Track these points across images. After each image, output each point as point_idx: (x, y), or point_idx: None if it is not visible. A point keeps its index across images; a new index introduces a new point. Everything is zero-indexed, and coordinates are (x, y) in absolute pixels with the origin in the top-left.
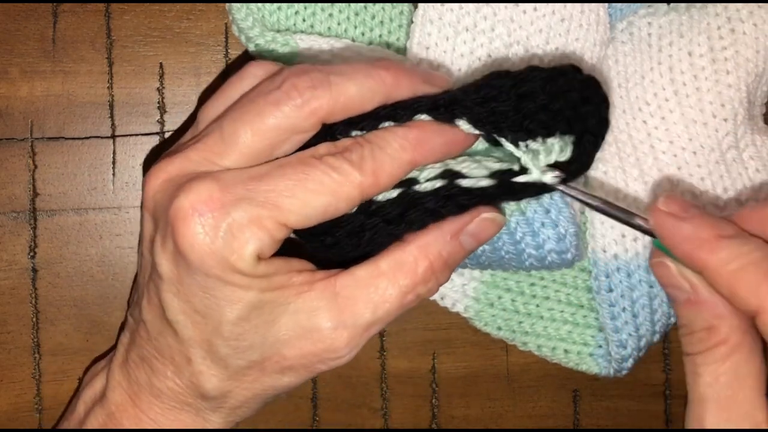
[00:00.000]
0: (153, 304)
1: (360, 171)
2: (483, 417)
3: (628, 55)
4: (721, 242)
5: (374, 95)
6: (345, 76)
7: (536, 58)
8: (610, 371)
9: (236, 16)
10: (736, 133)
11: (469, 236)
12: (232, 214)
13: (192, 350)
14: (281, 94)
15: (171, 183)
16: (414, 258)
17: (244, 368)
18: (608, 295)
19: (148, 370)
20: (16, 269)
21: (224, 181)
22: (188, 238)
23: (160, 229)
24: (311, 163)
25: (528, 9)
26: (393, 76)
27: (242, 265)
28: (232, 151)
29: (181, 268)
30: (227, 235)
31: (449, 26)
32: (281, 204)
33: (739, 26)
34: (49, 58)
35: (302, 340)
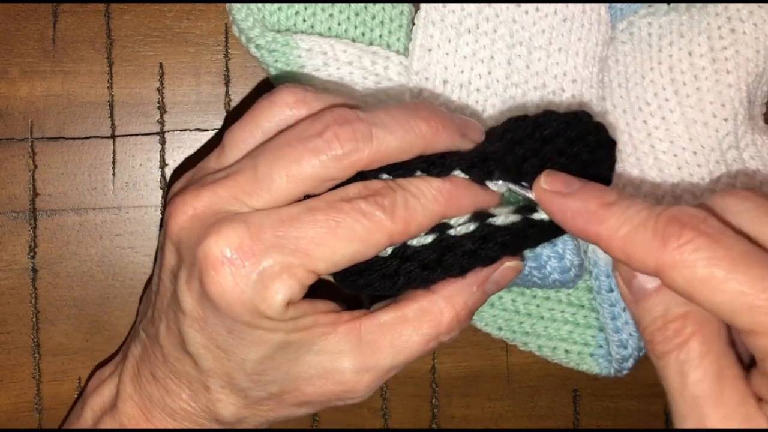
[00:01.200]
0: (172, 333)
1: (392, 219)
2: (483, 417)
3: (628, 55)
4: (608, 210)
5: (412, 148)
6: (386, 129)
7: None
8: (610, 371)
9: (236, 17)
10: (737, 133)
11: (492, 284)
12: (263, 263)
13: (211, 380)
14: (322, 143)
15: (198, 220)
16: (440, 309)
17: (263, 399)
18: (609, 295)
19: (161, 389)
20: (16, 269)
21: (254, 225)
22: (218, 285)
23: (186, 266)
24: (342, 209)
25: (530, 9)
26: (433, 131)
27: (271, 313)
28: (265, 193)
29: (206, 309)
30: (257, 284)
31: (451, 28)
32: (311, 252)
33: (740, 26)
34: (49, 58)
35: (323, 379)
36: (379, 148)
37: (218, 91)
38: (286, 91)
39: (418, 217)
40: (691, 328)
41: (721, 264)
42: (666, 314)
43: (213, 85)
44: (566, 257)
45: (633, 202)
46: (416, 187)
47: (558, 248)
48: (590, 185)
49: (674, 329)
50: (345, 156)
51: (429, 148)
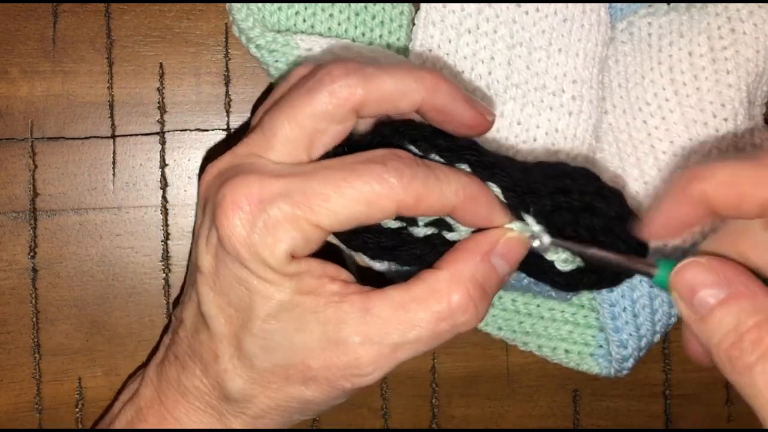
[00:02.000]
0: (192, 300)
1: (405, 189)
2: (483, 417)
3: (628, 55)
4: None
5: (411, 92)
6: (382, 69)
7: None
8: (610, 371)
9: (236, 17)
10: (737, 133)
11: (499, 258)
12: (268, 210)
13: (221, 346)
14: (315, 82)
15: (219, 177)
16: (447, 286)
17: (269, 372)
18: (609, 295)
19: (179, 367)
20: (16, 269)
21: (266, 175)
22: (226, 228)
23: (206, 221)
24: (356, 169)
25: (530, 10)
26: (433, 78)
27: (273, 262)
28: (273, 143)
29: (219, 260)
30: (262, 230)
31: (451, 28)
32: (316, 206)
33: (740, 26)
34: (49, 58)
35: (327, 351)
36: (373, 84)
37: (218, 91)
38: (300, 67)
39: (431, 199)
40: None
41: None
42: (738, 326)
43: (213, 85)
44: None
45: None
46: (444, 172)
47: None
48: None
49: (751, 341)
50: (338, 89)
51: (429, 96)
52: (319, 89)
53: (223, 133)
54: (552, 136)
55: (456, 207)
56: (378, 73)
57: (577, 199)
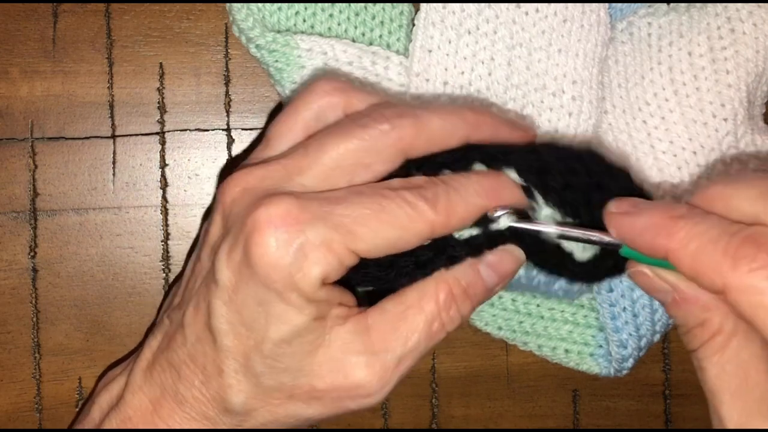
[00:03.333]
0: (199, 310)
1: (434, 209)
2: (483, 417)
3: (628, 55)
4: (676, 223)
5: (456, 131)
6: (430, 111)
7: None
8: (610, 371)
9: (236, 17)
10: (737, 133)
11: (488, 267)
12: (307, 233)
13: (226, 361)
14: (369, 119)
15: (249, 193)
16: (435, 286)
17: (274, 390)
18: (608, 294)
19: (175, 375)
20: (16, 269)
21: (303, 199)
22: (261, 247)
23: (230, 236)
24: (387, 195)
25: (530, 10)
26: (476, 116)
27: (305, 286)
28: (315, 166)
29: (241, 277)
30: (298, 252)
31: (451, 29)
32: (354, 230)
33: (739, 26)
34: (49, 58)
35: (334, 373)
36: (423, 126)
37: (218, 91)
38: (324, 80)
39: (459, 210)
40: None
41: None
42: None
43: (213, 85)
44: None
45: (705, 218)
46: (457, 181)
47: None
48: (658, 202)
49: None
50: (391, 130)
51: (474, 133)
52: (373, 126)
53: (223, 133)
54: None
55: (485, 204)
56: (427, 115)
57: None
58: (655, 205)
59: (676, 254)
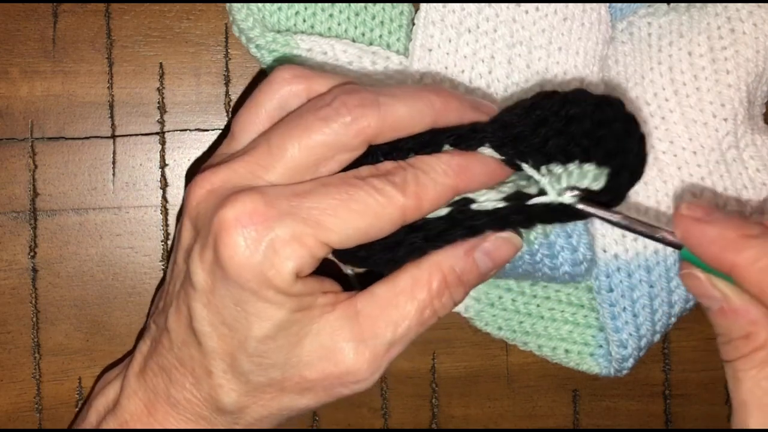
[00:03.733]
0: (181, 314)
1: (403, 194)
2: (483, 417)
3: (628, 55)
4: (748, 241)
5: (423, 117)
6: (395, 97)
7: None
8: (610, 371)
9: (237, 17)
10: (736, 132)
11: (483, 254)
12: (275, 229)
13: (214, 363)
14: (330, 110)
15: (215, 194)
16: (428, 272)
17: (264, 385)
18: (609, 295)
19: (166, 379)
20: (16, 269)
21: (269, 195)
22: (229, 248)
23: (201, 238)
24: (355, 184)
25: (530, 9)
26: (442, 100)
27: (279, 282)
28: (279, 164)
29: (216, 279)
30: (268, 249)
31: (451, 28)
32: (324, 222)
33: (739, 26)
34: (49, 58)
35: (324, 361)
36: (387, 114)
37: (218, 91)
38: (283, 69)
39: (429, 192)
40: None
41: None
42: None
43: (213, 85)
44: (580, 250)
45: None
46: (425, 163)
47: (573, 240)
48: (732, 216)
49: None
50: (354, 121)
51: (440, 118)
52: (335, 119)
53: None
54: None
55: (455, 185)
56: (391, 102)
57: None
58: (729, 220)
59: (742, 270)
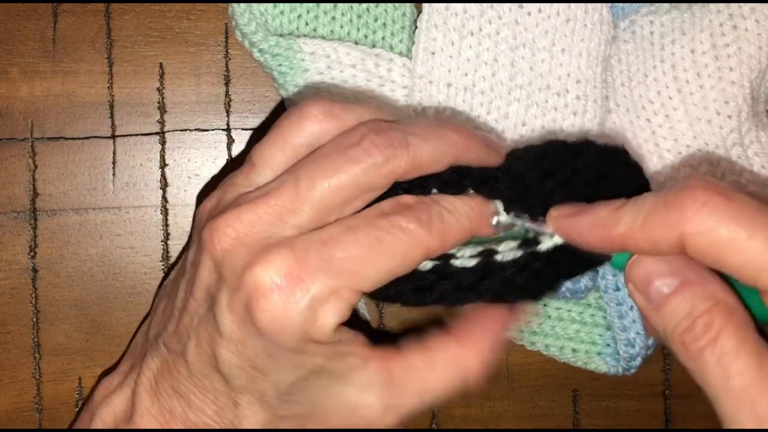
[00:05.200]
0: (203, 351)
1: (428, 232)
2: (483, 417)
3: (630, 54)
4: (619, 212)
5: (445, 157)
6: (420, 137)
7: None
8: (618, 370)
9: (239, 21)
10: (741, 129)
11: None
12: (311, 288)
13: (241, 397)
14: (361, 151)
15: (242, 244)
16: (470, 361)
17: (288, 419)
18: (615, 293)
19: (184, 404)
20: (16, 269)
21: (299, 249)
22: (267, 312)
23: (227, 287)
24: (380, 226)
25: (533, 11)
26: (463, 139)
27: (321, 337)
28: (306, 206)
29: (248, 333)
30: (308, 310)
31: (454, 31)
32: (357, 272)
33: (742, 23)
34: (49, 58)
35: (349, 413)
36: (415, 155)
37: (218, 91)
38: (313, 105)
39: (453, 231)
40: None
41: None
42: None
43: (213, 85)
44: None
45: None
46: (449, 202)
47: None
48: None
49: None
50: (384, 163)
51: (461, 157)
52: (365, 159)
53: (223, 133)
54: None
55: (474, 230)
56: (419, 143)
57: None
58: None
59: (630, 237)
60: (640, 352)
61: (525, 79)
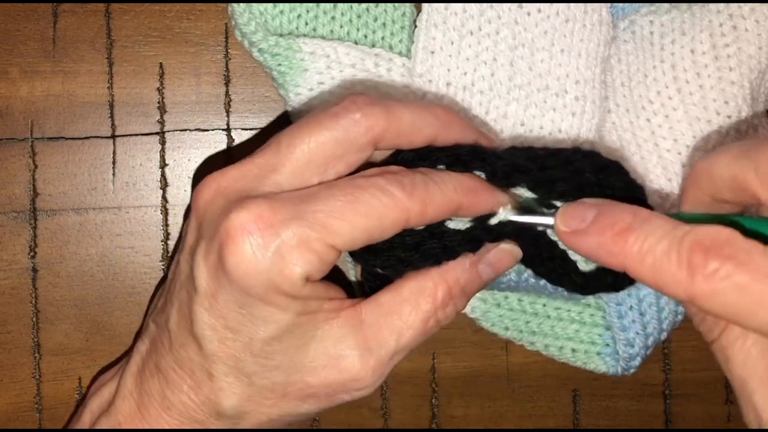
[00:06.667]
0: (182, 315)
1: (409, 197)
2: (483, 417)
3: (630, 54)
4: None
5: (427, 126)
6: (402, 103)
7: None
8: (617, 370)
9: (239, 21)
10: (741, 129)
11: (486, 265)
12: (281, 234)
13: (215, 366)
14: (339, 108)
15: (222, 196)
16: (434, 283)
17: (267, 389)
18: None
19: (162, 381)
20: (16, 269)
21: (275, 201)
22: (235, 255)
23: (204, 241)
24: (360, 185)
25: (532, 11)
26: (447, 115)
27: (287, 287)
28: (288, 162)
29: (220, 284)
30: (275, 256)
31: (453, 30)
32: (330, 225)
33: (741, 23)
34: (49, 58)
35: (328, 368)
36: (394, 116)
37: (218, 91)
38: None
39: (436, 200)
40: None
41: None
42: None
43: (213, 85)
44: None
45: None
46: (437, 174)
47: None
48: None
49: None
50: (363, 118)
51: (443, 132)
52: (344, 115)
53: (223, 133)
54: (555, 137)
55: (460, 204)
56: (398, 106)
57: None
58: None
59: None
60: (640, 352)
61: (524, 80)
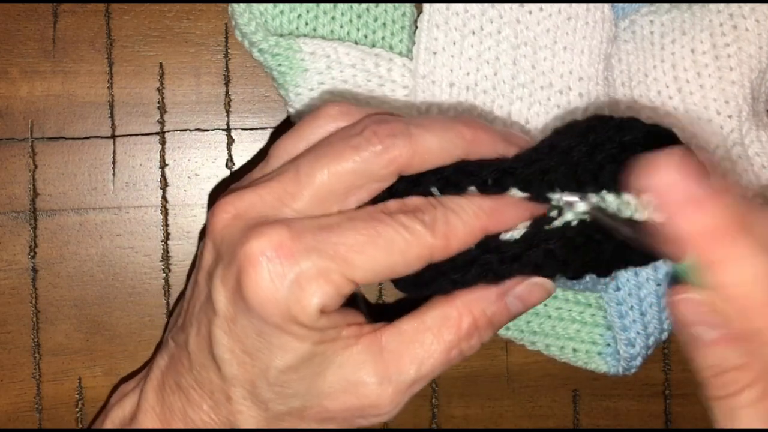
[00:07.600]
0: (201, 336)
1: (432, 233)
2: (483, 417)
3: (630, 54)
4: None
5: (454, 149)
6: (425, 128)
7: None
8: (618, 370)
9: (239, 21)
10: (741, 129)
11: (516, 299)
12: (301, 264)
13: (233, 389)
14: (361, 139)
15: (240, 220)
16: (459, 313)
17: (284, 414)
18: (616, 293)
19: (183, 399)
20: (16, 269)
21: (295, 228)
22: (254, 282)
23: (223, 264)
24: (382, 220)
25: (534, 9)
26: (473, 132)
27: (304, 318)
28: (306, 191)
29: (238, 308)
30: (293, 285)
31: (455, 30)
32: (350, 259)
33: (742, 23)
34: (49, 58)
35: (346, 394)
36: (418, 145)
37: (218, 91)
38: (331, 105)
39: (458, 233)
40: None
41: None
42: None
43: (213, 85)
44: None
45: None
46: (456, 203)
47: None
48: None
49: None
50: (384, 150)
51: (471, 150)
52: (366, 147)
53: (223, 133)
54: None
55: (485, 228)
56: (422, 132)
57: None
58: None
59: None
60: (641, 352)
61: (527, 78)
